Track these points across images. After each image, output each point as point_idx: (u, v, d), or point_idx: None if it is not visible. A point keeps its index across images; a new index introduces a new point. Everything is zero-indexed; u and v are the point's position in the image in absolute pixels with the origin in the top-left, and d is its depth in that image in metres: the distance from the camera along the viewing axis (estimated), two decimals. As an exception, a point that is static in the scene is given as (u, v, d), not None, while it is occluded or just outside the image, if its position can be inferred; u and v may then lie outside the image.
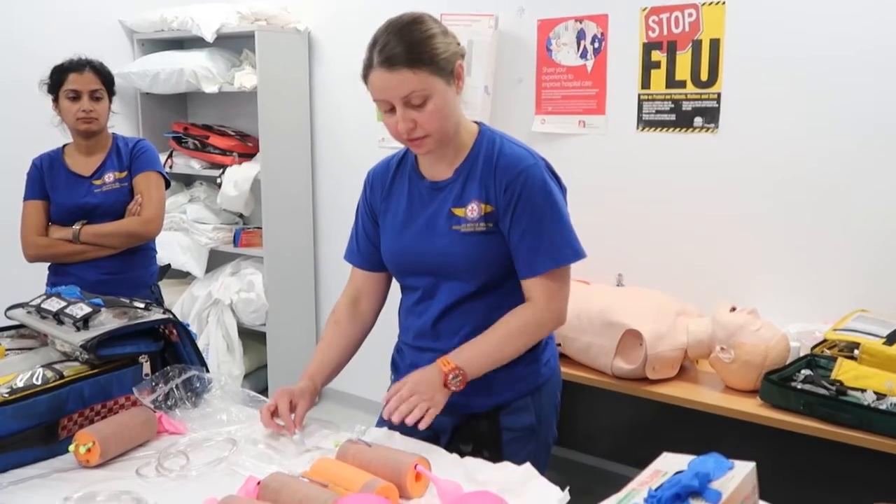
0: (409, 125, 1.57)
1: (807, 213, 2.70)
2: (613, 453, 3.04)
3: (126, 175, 2.70)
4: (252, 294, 3.91)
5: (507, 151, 1.66)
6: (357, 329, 1.86)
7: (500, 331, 1.66)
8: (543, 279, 1.65)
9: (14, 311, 1.86)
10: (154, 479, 1.48)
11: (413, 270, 1.76)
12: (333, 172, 4.05)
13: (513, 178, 1.63)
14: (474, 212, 1.65)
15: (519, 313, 1.67)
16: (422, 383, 1.57)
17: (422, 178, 1.73)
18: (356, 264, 1.87)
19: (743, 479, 1.10)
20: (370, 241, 1.83)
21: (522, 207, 1.62)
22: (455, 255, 1.67)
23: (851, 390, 2.17)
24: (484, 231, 1.65)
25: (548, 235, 1.64)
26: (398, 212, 1.75)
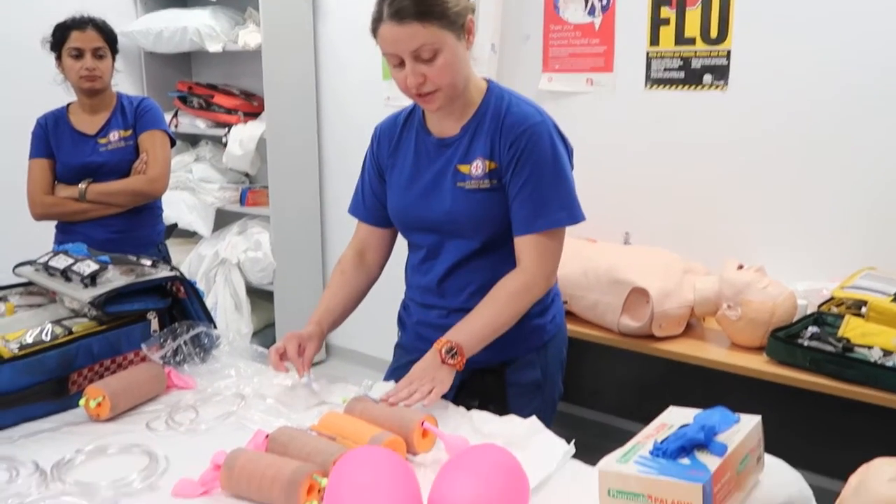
0: (419, 79, 1.55)
1: (816, 171, 2.68)
2: (620, 409, 3.07)
3: (131, 133, 2.69)
4: (259, 253, 3.92)
5: (514, 109, 1.64)
6: (362, 279, 1.86)
7: (490, 304, 1.63)
8: (535, 239, 1.63)
9: (22, 268, 1.87)
10: (164, 432, 1.50)
11: (418, 227, 1.76)
12: (339, 131, 4.02)
13: (518, 134, 1.61)
14: (479, 169, 1.64)
15: (508, 282, 1.64)
16: (418, 370, 1.56)
17: (429, 134, 1.72)
18: (361, 218, 1.87)
19: (749, 433, 1.11)
20: (376, 196, 1.82)
21: (524, 164, 1.61)
22: (459, 212, 1.66)
23: (858, 347, 2.17)
24: (488, 188, 1.64)
25: (546, 195, 1.62)
26: (405, 168, 1.74)
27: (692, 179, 2.95)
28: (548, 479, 1.29)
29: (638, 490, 0.97)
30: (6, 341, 1.55)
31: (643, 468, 0.99)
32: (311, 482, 1.21)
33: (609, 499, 0.99)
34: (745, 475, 1.08)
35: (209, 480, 1.27)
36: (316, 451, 1.29)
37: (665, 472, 0.97)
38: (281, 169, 3.91)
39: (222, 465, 1.25)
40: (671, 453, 1.02)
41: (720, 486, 0.99)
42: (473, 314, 1.64)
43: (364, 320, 1.85)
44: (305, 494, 1.20)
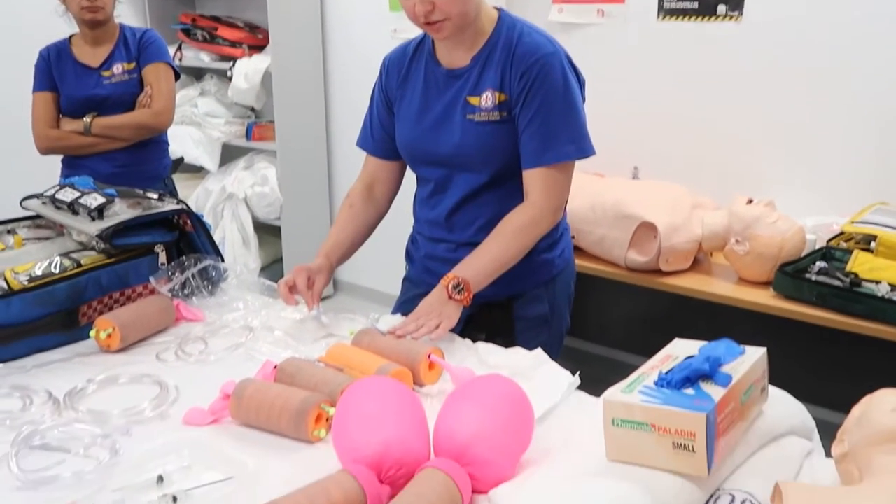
0: (427, 7, 1.51)
1: (829, 105, 2.64)
2: (626, 344, 3.09)
3: (135, 66, 2.66)
4: (266, 188, 3.91)
5: (526, 39, 1.61)
6: (371, 212, 1.85)
7: (497, 239, 1.63)
8: (544, 172, 1.61)
9: (29, 201, 1.87)
10: (173, 363, 1.52)
11: (427, 161, 1.74)
12: (345, 64, 3.96)
13: (529, 65, 1.58)
14: (488, 100, 1.62)
15: (515, 217, 1.64)
16: (426, 305, 1.57)
17: (438, 65, 1.69)
18: (370, 151, 1.85)
19: (753, 364, 1.11)
20: (384, 128, 1.80)
21: (534, 95, 1.58)
22: (468, 145, 1.64)
23: (866, 282, 2.17)
24: (498, 120, 1.62)
25: (556, 127, 1.59)
26: (413, 100, 1.72)
27: (703, 113, 2.90)
28: (553, 410, 1.31)
29: (642, 419, 0.98)
30: (16, 273, 1.56)
31: (647, 398, 0.99)
32: (319, 411, 1.23)
33: (613, 428, 1.00)
34: (749, 406, 1.09)
35: (219, 409, 1.29)
36: (323, 382, 1.30)
37: (669, 401, 0.98)
38: (287, 103, 3.86)
39: (231, 395, 1.27)
40: (676, 384, 1.02)
41: (723, 416, 0.99)
42: (480, 249, 1.63)
43: (372, 255, 1.85)
44: (313, 423, 1.22)
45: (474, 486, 1.06)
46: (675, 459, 0.97)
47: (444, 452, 1.07)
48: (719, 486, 1.02)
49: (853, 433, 1.03)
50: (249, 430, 1.26)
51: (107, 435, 1.22)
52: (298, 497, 0.99)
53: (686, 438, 0.96)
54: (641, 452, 0.98)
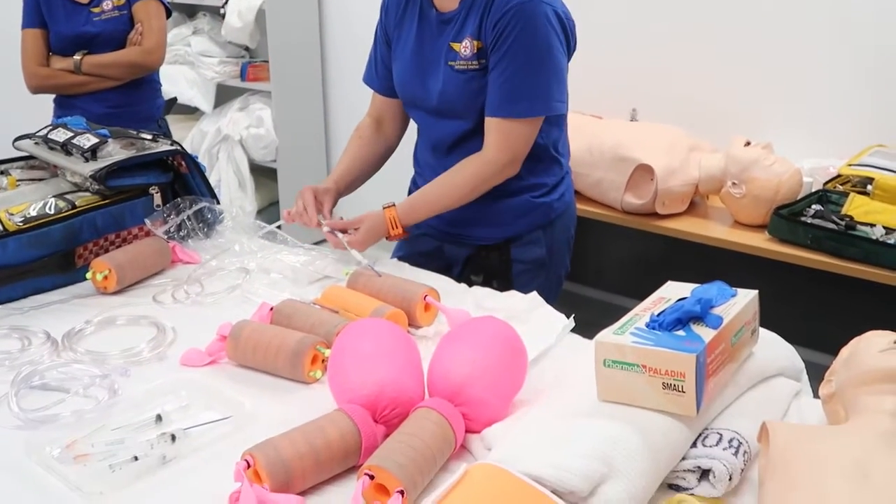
0: None
1: (827, 46, 2.60)
2: (621, 287, 3.10)
3: (125, 2, 2.61)
4: (261, 130, 3.87)
5: None
6: (381, 144, 1.86)
7: (445, 184, 1.66)
8: (501, 124, 1.60)
9: (22, 142, 1.85)
10: (170, 305, 1.53)
11: (416, 105, 1.74)
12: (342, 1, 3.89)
13: (504, 12, 1.54)
14: (467, 49, 1.59)
15: (468, 165, 1.64)
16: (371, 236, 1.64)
17: (432, 6, 1.66)
18: (375, 88, 1.85)
19: (745, 306, 1.12)
20: (386, 66, 1.79)
21: (502, 44, 1.55)
22: (450, 93, 1.63)
23: (861, 225, 2.17)
24: (477, 68, 1.60)
25: (519, 80, 1.56)
26: (408, 42, 1.70)
27: (701, 55, 2.86)
28: (547, 352, 1.32)
29: (633, 360, 0.99)
30: (10, 214, 1.56)
31: (639, 339, 1.01)
32: (315, 352, 1.24)
33: (604, 369, 1.01)
34: (739, 347, 1.11)
35: (215, 350, 1.31)
36: (319, 323, 1.32)
37: (660, 342, 0.99)
38: (281, 42, 3.80)
39: (228, 336, 1.28)
40: (667, 325, 1.03)
41: (713, 357, 1.01)
42: (426, 191, 1.68)
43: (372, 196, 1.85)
44: (309, 364, 1.23)
45: (467, 426, 1.08)
46: (664, 399, 0.98)
47: (438, 393, 1.09)
48: (708, 426, 1.04)
49: (840, 374, 1.05)
50: (246, 371, 1.28)
51: (105, 375, 1.23)
52: (294, 435, 1.00)
53: (676, 379, 0.97)
54: (632, 393, 1.00)
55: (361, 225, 1.64)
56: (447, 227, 1.79)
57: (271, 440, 0.99)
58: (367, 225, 1.64)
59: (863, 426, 0.94)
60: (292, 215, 1.70)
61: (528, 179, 1.71)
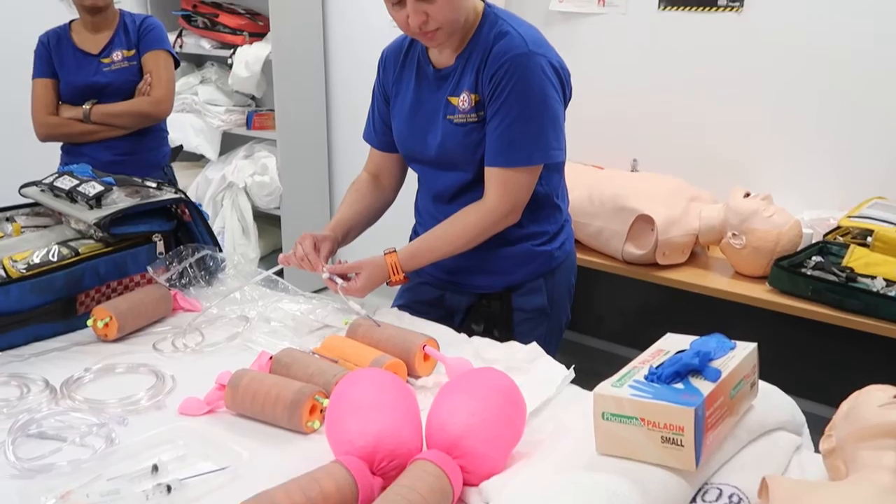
0: (421, 18, 1.50)
1: (828, 98, 2.63)
2: (622, 337, 3.10)
3: (134, 53, 2.66)
4: (266, 177, 3.91)
5: (502, 39, 1.58)
6: (377, 196, 1.87)
7: (445, 232, 1.67)
8: (501, 173, 1.61)
9: (28, 189, 1.88)
10: (170, 353, 1.53)
11: (416, 158, 1.76)
12: (346, 52, 3.95)
13: (498, 66, 1.56)
14: (465, 102, 1.62)
15: (469, 214, 1.65)
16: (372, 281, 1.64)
17: (429, 63, 1.69)
18: (373, 144, 1.87)
19: (744, 359, 1.12)
20: (384, 122, 1.81)
21: (499, 94, 1.57)
22: (449, 145, 1.65)
23: (862, 277, 2.17)
24: (476, 121, 1.62)
25: (517, 130, 1.58)
26: (407, 97, 1.73)
27: (702, 105, 2.90)
28: (546, 403, 1.32)
29: (631, 413, 0.99)
30: (14, 262, 1.57)
31: (637, 392, 1.00)
32: (313, 403, 1.24)
33: (603, 422, 1.01)
34: (739, 401, 1.10)
35: (214, 400, 1.30)
36: (318, 373, 1.31)
37: (658, 396, 0.99)
38: (287, 91, 3.86)
39: (227, 385, 1.28)
40: (666, 378, 1.03)
41: (712, 411, 1.00)
42: (429, 238, 1.68)
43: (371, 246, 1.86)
44: (307, 414, 1.23)
45: (465, 479, 1.07)
46: (663, 453, 0.98)
47: (436, 445, 1.08)
48: (707, 481, 1.03)
49: (841, 428, 1.04)
50: (244, 421, 1.28)
51: (103, 424, 1.23)
52: (291, 487, 1.00)
53: (675, 433, 0.97)
54: (631, 446, 1.00)
55: (362, 270, 1.64)
56: (448, 276, 1.79)
57: (267, 492, 0.99)
58: (368, 271, 1.65)
59: (863, 482, 0.93)
60: (290, 260, 1.71)
61: (528, 227, 1.72)
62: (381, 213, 1.89)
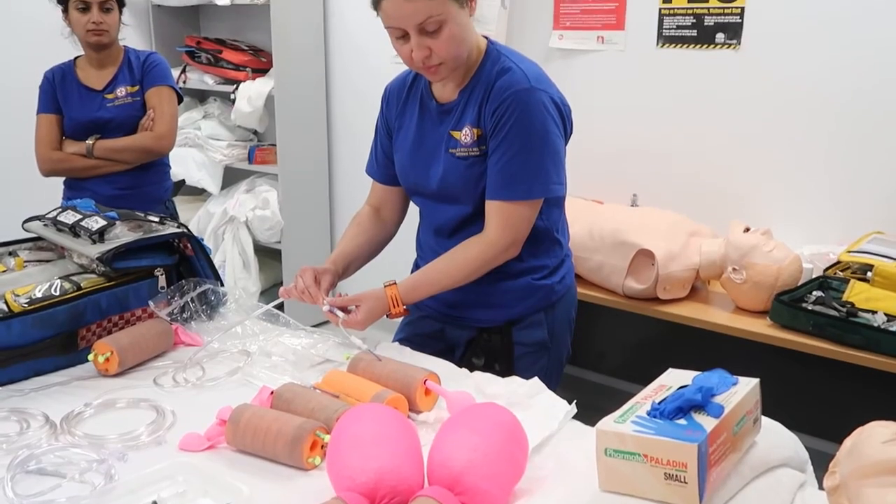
0: (425, 53, 1.53)
1: (826, 134, 2.66)
2: (623, 372, 3.09)
3: (138, 89, 2.68)
4: (267, 211, 3.92)
5: (504, 75, 1.60)
6: (379, 230, 1.88)
7: (445, 265, 1.67)
8: (502, 206, 1.62)
9: (31, 223, 1.89)
10: (171, 388, 1.52)
11: (418, 192, 1.78)
12: (348, 88, 4.00)
13: (500, 101, 1.58)
14: (467, 136, 1.64)
15: (469, 247, 1.66)
16: (372, 314, 1.64)
17: (432, 98, 1.71)
18: (375, 178, 1.89)
19: (746, 395, 1.12)
20: (387, 156, 1.83)
21: (501, 129, 1.59)
22: (450, 178, 1.67)
23: (862, 312, 2.17)
24: (477, 155, 1.64)
25: (518, 164, 1.59)
26: (409, 131, 1.75)
27: (701, 140, 2.93)
28: (548, 439, 1.31)
29: (634, 449, 0.99)
30: (16, 296, 1.57)
31: (640, 428, 1.00)
32: (314, 438, 1.23)
33: (606, 458, 1.01)
34: (742, 437, 1.10)
35: (214, 435, 1.30)
36: (319, 408, 1.31)
37: (661, 432, 0.99)
38: (289, 126, 3.89)
39: (227, 420, 1.28)
40: (668, 414, 1.03)
41: (715, 447, 1.00)
42: (429, 270, 1.69)
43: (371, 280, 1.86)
44: (308, 450, 1.22)
45: (467, 516, 1.06)
46: (666, 490, 0.97)
47: (438, 481, 1.08)
48: (711, 518, 1.02)
49: (844, 465, 1.03)
50: (245, 457, 1.27)
51: (102, 460, 1.22)
52: (292, 524, 0.99)
53: (678, 469, 0.96)
54: (634, 483, 0.99)
55: (362, 303, 1.64)
56: (449, 310, 1.80)
57: (268, 529, 0.98)
58: (369, 304, 1.64)
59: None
60: (291, 293, 1.71)
61: (529, 261, 1.73)
62: (383, 247, 1.89)
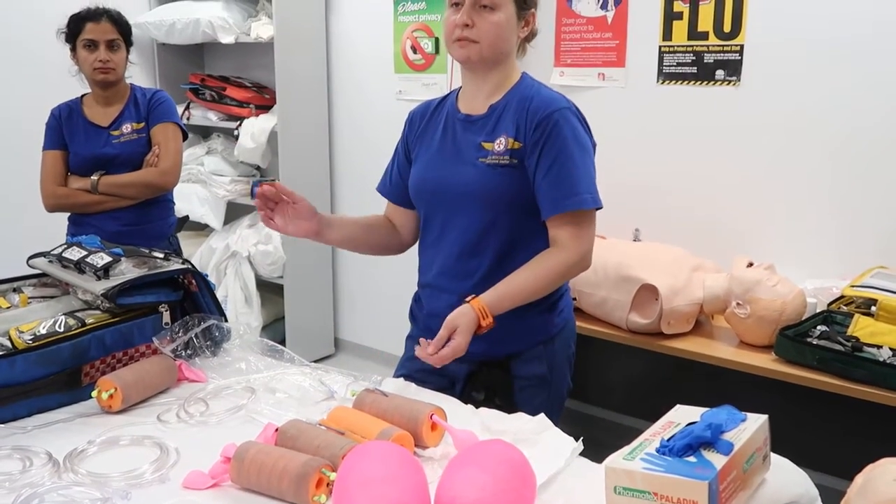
0: (468, 21, 1.63)
1: (828, 168, 2.67)
2: (628, 407, 3.07)
3: (144, 126, 2.70)
4: (269, 246, 3.93)
5: (543, 94, 1.70)
6: (386, 230, 1.92)
7: (527, 274, 1.66)
8: (568, 220, 1.66)
9: (36, 259, 1.89)
10: (175, 425, 1.51)
11: (433, 199, 1.78)
12: (350, 124, 4.03)
13: (545, 116, 1.65)
14: (501, 145, 1.68)
15: (546, 257, 1.68)
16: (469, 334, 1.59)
17: (458, 111, 1.77)
18: (385, 195, 1.93)
19: (755, 431, 1.11)
20: (401, 176, 1.87)
21: (551, 146, 1.64)
22: (473, 183, 1.70)
23: (867, 346, 2.17)
24: (507, 164, 1.68)
25: (573, 177, 1.65)
26: (432, 144, 1.79)
27: (703, 176, 2.94)
28: (555, 476, 1.30)
29: (644, 487, 0.98)
30: (20, 332, 1.57)
31: (649, 465, 0.99)
32: (320, 476, 1.22)
33: (615, 496, 1.00)
34: (751, 474, 1.09)
35: (219, 473, 1.29)
36: (325, 445, 1.30)
37: (671, 469, 0.98)
38: (292, 162, 3.92)
39: (232, 458, 1.27)
40: (678, 451, 1.02)
41: (726, 485, 0.99)
42: (509, 281, 1.66)
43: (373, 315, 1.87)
44: (314, 488, 1.21)
45: (475, 555, 1.05)
46: (677, 529, 0.96)
47: (446, 519, 1.07)
48: (723, 557, 1.01)
49: (855, 502, 1.02)
50: (250, 495, 1.26)
51: (106, 498, 1.21)
52: (298, 565, 0.98)
53: (688, 508, 0.95)
54: (644, 522, 0.98)
55: (457, 328, 1.60)
56: None
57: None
58: (464, 327, 1.59)
59: (882, 559, 0.91)
60: None
61: None
62: (385, 247, 1.93)
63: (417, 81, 3.61)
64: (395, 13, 3.65)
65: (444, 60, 3.52)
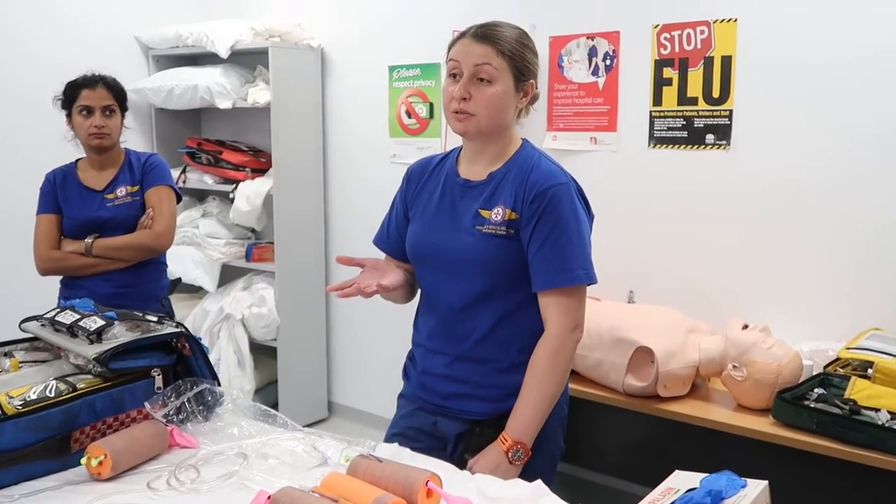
0: (465, 93, 1.65)
1: (821, 231, 2.69)
2: (625, 471, 3.02)
3: (138, 189, 2.72)
4: (263, 309, 3.92)
5: (542, 167, 1.72)
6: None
7: (532, 381, 1.69)
8: (557, 296, 1.67)
9: (28, 323, 1.88)
10: (165, 492, 1.48)
11: (429, 262, 1.80)
12: (345, 188, 4.06)
13: (542, 191, 1.67)
14: (498, 215, 1.69)
15: (540, 352, 1.69)
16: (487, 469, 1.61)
17: (457, 175, 1.78)
18: (382, 249, 1.94)
19: (756, 498, 1.10)
20: (399, 231, 1.89)
21: (546, 220, 1.66)
22: (471, 251, 1.71)
23: (865, 409, 2.16)
24: (504, 235, 1.69)
25: (567, 252, 1.66)
26: (430, 204, 1.81)
27: (696, 238, 2.96)
28: (553, 544, 1.27)
29: (644, 557, 0.96)
30: (10, 398, 1.55)
31: (650, 535, 0.98)
32: (314, 545, 1.19)
33: (615, 566, 0.98)
34: (753, 542, 1.07)
35: (210, 542, 1.26)
36: (318, 514, 1.27)
37: (672, 538, 0.96)
38: (287, 225, 3.94)
39: (223, 527, 1.24)
40: (678, 519, 1.01)
41: (728, 554, 0.97)
42: (522, 397, 1.68)
43: (366, 378, 1.86)
44: (307, 558, 1.18)
45: None
46: None
47: (442, 591, 1.04)
48: None
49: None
50: (241, 566, 1.23)
51: (93, 570, 1.18)
52: None
53: (690, 578, 0.94)
54: (645, 593, 0.96)
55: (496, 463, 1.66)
56: (442, 401, 1.81)
57: None
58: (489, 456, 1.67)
59: None
60: None
61: (520, 357, 1.74)
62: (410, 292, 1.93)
63: (412, 145, 3.65)
64: (389, 80, 3.71)
65: (438, 125, 3.58)
